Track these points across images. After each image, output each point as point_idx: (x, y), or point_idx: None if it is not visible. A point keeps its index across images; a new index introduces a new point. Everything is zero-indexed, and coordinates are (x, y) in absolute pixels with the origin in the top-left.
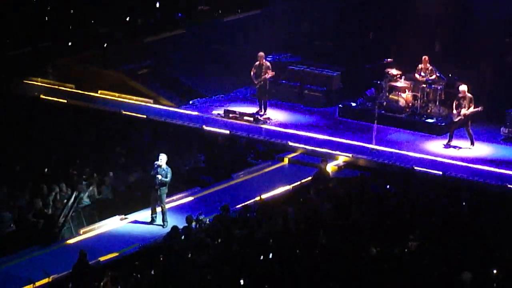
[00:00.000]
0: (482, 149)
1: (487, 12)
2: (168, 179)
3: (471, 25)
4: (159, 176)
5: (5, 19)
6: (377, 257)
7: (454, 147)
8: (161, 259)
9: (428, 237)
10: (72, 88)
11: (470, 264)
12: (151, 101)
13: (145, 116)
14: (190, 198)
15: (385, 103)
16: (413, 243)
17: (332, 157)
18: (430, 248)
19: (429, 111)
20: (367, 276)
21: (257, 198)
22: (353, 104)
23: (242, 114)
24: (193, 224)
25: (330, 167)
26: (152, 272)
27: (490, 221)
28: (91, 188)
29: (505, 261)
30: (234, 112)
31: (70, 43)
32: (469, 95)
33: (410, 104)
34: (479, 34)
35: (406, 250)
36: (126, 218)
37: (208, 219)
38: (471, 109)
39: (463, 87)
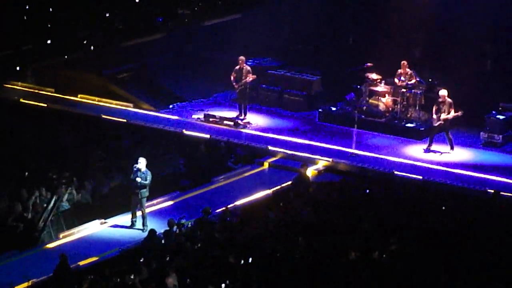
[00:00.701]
0: (462, 154)
1: (466, 17)
2: (147, 182)
3: (451, 30)
4: (138, 179)
5: None
6: (356, 261)
7: (434, 151)
8: (141, 262)
9: (407, 242)
10: (52, 92)
11: (450, 267)
12: (131, 105)
13: (125, 120)
14: (170, 203)
15: (365, 107)
16: (393, 247)
17: (312, 162)
18: (410, 252)
19: (409, 115)
20: (347, 280)
21: (237, 203)
22: (333, 109)
23: (222, 119)
24: (175, 228)
25: (310, 172)
26: (132, 276)
27: (470, 225)
28: (70, 192)
29: (486, 263)
30: (214, 116)
31: (50, 47)
32: (449, 99)
33: (390, 109)
34: (459, 39)
35: (385, 254)
36: (106, 222)
37: (189, 223)
38: (451, 114)
39: (443, 92)
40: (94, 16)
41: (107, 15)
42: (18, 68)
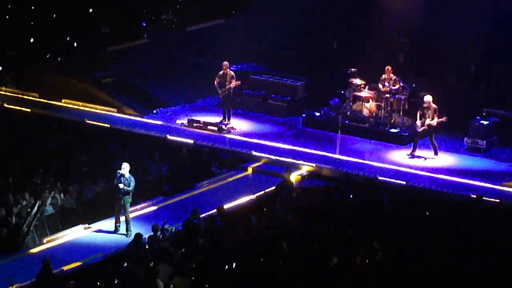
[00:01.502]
0: (446, 159)
1: (450, 23)
2: (131, 188)
3: (435, 35)
4: (121, 185)
5: None
6: (339, 267)
7: (418, 157)
8: (124, 267)
9: (390, 247)
10: (35, 97)
11: (432, 272)
12: (115, 110)
13: (108, 125)
14: (154, 208)
15: (348, 112)
16: (376, 253)
17: (296, 167)
18: (393, 258)
19: (392, 121)
20: (330, 285)
21: (220, 208)
22: (317, 114)
23: (206, 124)
24: (159, 233)
25: (294, 177)
26: (116, 281)
27: (453, 230)
28: (54, 196)
29: (469, 267)
30: (198, 121)
31: (34, 52)
32: (433, 105)
33: (374, 114)
34: (443, 44)
35: (367, 260)
36: (89, 227)
37: (173, 228)
38: (435, 120)
39: (428, 97)
40: (78, 21)
41: (91, 20)
42: (0, 73)
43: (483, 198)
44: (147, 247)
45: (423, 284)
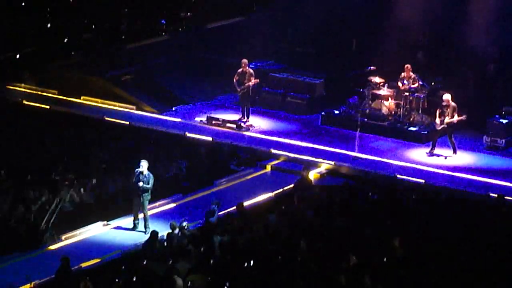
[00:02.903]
0: (465, 158)
1: (469, 21)
2: (150, 186)
3: (454, 33)
4: (141, 183)
5: None
6: (358, 266)
7: (437, 155)
8: (143, 265)
9: (410, 246)
10: (55, 94)
11: (451, 270)
12: (134, 107)
13: (127, 123)
14: (172, 205)
15: (367, 111)
16: (398, 251)
17: (315, 165)
18: (412, 257)
19: (411, 119)
20: (348, 284)
21: (239, 205)
22: (336, 112)
23: (225, 121)
24: (177, 230)
25: (313, 175)
26: (134, 279)
27: (472, 229)
28: (73, 193)
29: (489, 268)
30: (217, 119)
31: (54, 49)
32: (453, 104)
33: (393, 112)
34: (462, 42)
35: (386, 259)
36: (108, 224)
37: (191, 225)
38: (455, 118)
39: (447, 96)
40: (98, 18)
41: (111, 18)
42: (17, 70)
43: (505, 197)
44: (165, 244)
45: (442, 282)
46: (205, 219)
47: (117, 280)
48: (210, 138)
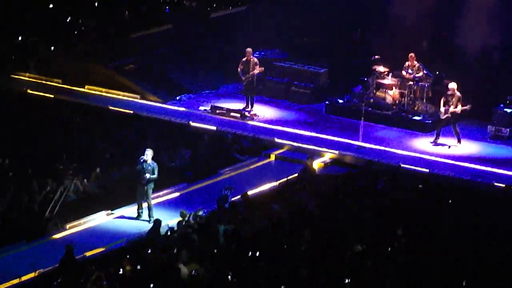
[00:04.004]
0: (469, 147)
1: (474, 9)
2: (155, 176)
3: (459, 22)
4: (148, 175)
5: None
6: (362, 254)
7: (441, 144)
8: (147, 254)
9: (413, 235)
10: (59, 83)
11: (454, 260)
12: (138, 96)
13: (132, 112)
14: (176, 194)
15: (372, 100)
16: (401, 240)
17: (319, 154)
18: (415, 245)
19: (416, 108)
20: (352, 272)
21: (244, 194)
22: (340, 101)
23: (229, 110)
24: (191, 217)
25: (317, 164)
26: (138, 267)
27: (476, 219)
28: (77, 183)
29: (493, 257)
30: (221, 108)
31: (57, 38)
32: (458, 93)
33: (397, 101)
34: (466, 31)
35: (390, 247)
36: (112, 213)
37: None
38: (459, 108)
39: (452, 85)
40: (102, 7)
41: (115, 6)
42: (22, 59)
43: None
44: (169, 233)
45: (446, 272)
46: (218, 205)
47: (121, 270)
48: (214, 127)
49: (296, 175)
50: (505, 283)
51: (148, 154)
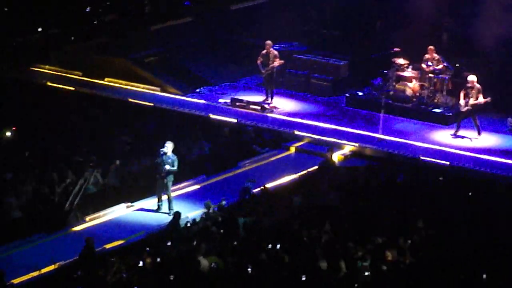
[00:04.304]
0: (489, 139)
1: (493, 1)
2: (175, 168)
3: (478, 14)
4: (167, 166)
5: (14, 5)
6: (383, 247)
7: (461, 137)
8: (167, 246)
9: (434, 227)
10: (79, 76)
11: (475, 252)
12: (158, 89)
13: (152, 104)
14: (196, 186)
15: (392, 92)
16: (422, 232)
17: (339, 146)
18: (436, 238)
19: (436, 100)
20: (372, 265)
21: (262, 187)
22: (360, 94)
23: (249, 103)
24: (215, 208)
25: (337, 156)
26: (158, 260)
27: (496, 211)
28: (97, 175)
29: None
30: (241, 100)
31: (78, 31)
32: (477, 85)
33: (417, 94)
34: (486, 23)
35: (410, 240)
36: (132, 206)
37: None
38: (479, 100)
39: (472, 77)
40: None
41: None
42: (43, 52)
43: None
44: (188, 225)
45: (466, 265)
46: (240, 196)
47: (141, 262)
48: (234, 120)
49: (316, 167)
50: None
51: (168, 147)
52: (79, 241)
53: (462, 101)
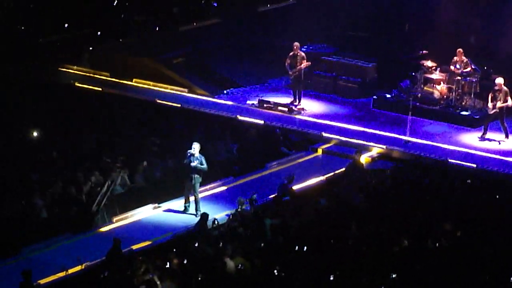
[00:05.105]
0: None
1: None
2: (204, 166)
3: (506, 15)
4: (195, 163)
5: (42, 6)
6: (409, 249)
7: (489, 139)
8: (194, 247)
9: (461, 230)
10: (107, 76)
11: (502, 256)
12: (186, 90)
13: (179, 105)
14: (224, 188)
15: (419, 95)
16: (450, 235)
17: (366, 149)
18: (464, 241)
19: (464, 103)
20: (400, 267)
21: (290, 189)
22: (388, 96)
23: (277, 104)
24: (244, 206)
25: (364, 159)
26: (185, 261)
27: None
28: (124, 176)
29: None
30: (268, 102)
31: (106, 31)
32: (505, 88)
33: (445, 96)
34: None
35: (438, 242)
36: (159, 207)
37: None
38: (507, 102)
39: (499, 80)
40: (151, 1)
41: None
42: (74, 52)
43: None
44: (214, 226)
45: (493, 267)
46: (278, 193)
47: (168, 263)
48: (261, 121)
49: (343, 169)
50: None
51: (196, 148)
52: (106, 242)
53: (489, 104)
